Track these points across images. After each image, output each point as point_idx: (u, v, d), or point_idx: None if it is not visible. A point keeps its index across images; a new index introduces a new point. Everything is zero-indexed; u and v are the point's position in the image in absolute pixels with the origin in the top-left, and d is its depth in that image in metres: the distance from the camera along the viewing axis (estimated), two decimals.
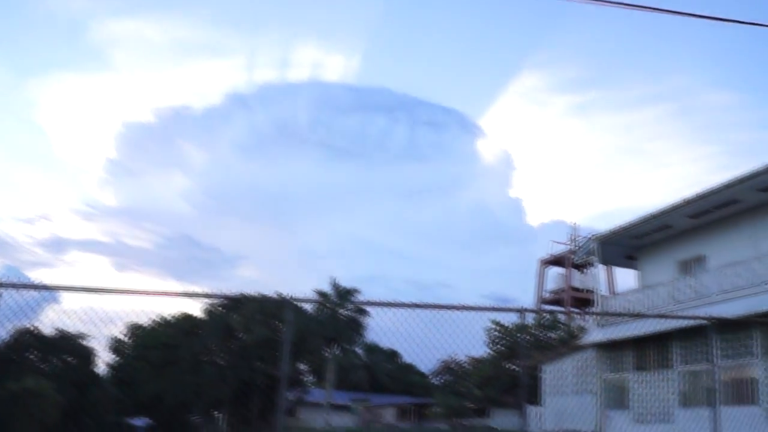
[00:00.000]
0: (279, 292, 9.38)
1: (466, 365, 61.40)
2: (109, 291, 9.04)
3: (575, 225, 63.05)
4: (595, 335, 31.60)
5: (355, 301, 47.79)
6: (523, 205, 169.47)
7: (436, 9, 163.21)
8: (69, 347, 34.50)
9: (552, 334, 51.98)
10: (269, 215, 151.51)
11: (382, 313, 9.77)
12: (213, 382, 40.84)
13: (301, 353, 41.92)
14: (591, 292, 37.32)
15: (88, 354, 36.14)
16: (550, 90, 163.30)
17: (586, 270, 55.64)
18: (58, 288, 9.37)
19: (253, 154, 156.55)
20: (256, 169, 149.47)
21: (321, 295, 46.57)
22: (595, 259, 33.72)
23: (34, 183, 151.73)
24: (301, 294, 10.19)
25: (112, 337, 43.66)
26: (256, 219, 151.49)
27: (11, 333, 30.80)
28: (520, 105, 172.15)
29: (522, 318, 7.94)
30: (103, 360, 39.99)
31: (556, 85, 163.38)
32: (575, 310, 60.02)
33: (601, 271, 37.36)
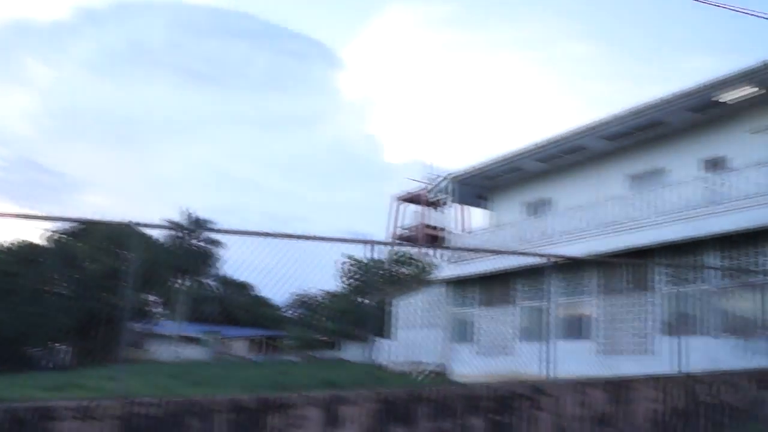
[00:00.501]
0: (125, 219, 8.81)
1: (320, 299, 61.91)
2: None
3: (432, 164, 64.22)
4: (445, 271, 32.54)
5: (205, 228, 46.62)
6: (381, 141, 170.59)
7: None
8: None
9: (404, 270, 53.12)
10: (120, 140, 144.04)
11: (236, 244, 9.46)
12: (55, 312, 38.92)
13: (149, 284, 40.63)
14: (444, 229, 38.21)
15: None
16: (415, 27, 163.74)
17: (440, 208, 57.03)
18: None
19: (104, 75, 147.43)
20: (106, 90, 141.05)
21: (172, 223, 45.06)
22: (449, 197, 34.49)
23: None
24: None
25: None
26: (106, 143, 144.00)
27: None
28: (385, 40, 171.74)
29: (370, 250, 7.82)
30: None
31: (422, 23, 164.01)
32: (427, 246, 61.52)
33: (455, 209, 38.35)
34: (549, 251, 23.03)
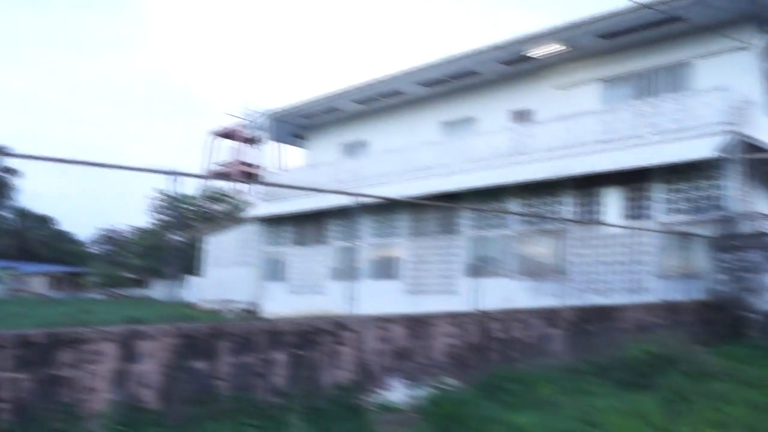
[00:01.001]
0: None
1: (128, 234, 59.52)
2: None
3: (250, 100, 62.86)
4: (259, 209, 32.23)
5: None
6: (200, 74, 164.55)
7: None
8: None
9: (217, 207, 52.17)
10: None
11: (35, 174, 8.72)
12: None
13: None
14: (259, 167, 37.70)
15: None
16: None
17: (256, 145, 56.19)
18: None
19: None
20: None
21: None
22: (265, 134, 33.98)
23: None
24: None
25: None
26: None
27: None
28: None
29: (177, 183, 7.48)
30: None
31: None
32: (240, 180, 60.59)
33: (272, 147, 37.86)
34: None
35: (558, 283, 18.16)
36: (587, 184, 20.43)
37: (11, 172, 47.03)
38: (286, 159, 47.57)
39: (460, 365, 9.43)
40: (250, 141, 56.57)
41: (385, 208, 25.49)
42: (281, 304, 28.61)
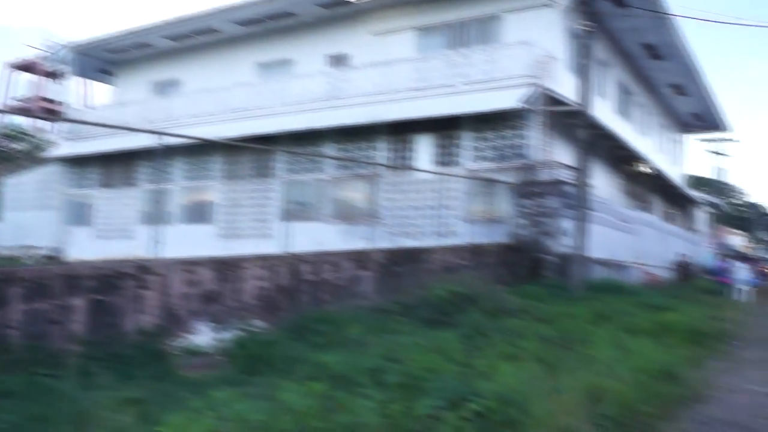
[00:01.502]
0: None
1: None
2: None
3: (53, 31, 58.23)
4: (62, 149, 30.20)
5: None
6: None
7: None
8: None
9: (16, 145, 48.30)
10: None
11: None
12: None
13: None
14: (62, 103, 35.13)
15: None
16: None
17: (59, 80, 52.29)
18: None
19: None
20: None
21: None
22: (68, 69, 31.66)
23: None
24: None
25: None
26: None
27: None
28: None
29: None
30: None
31: None
32: (43, 119, 56.42)
33: (76, 82, 35.44)
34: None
35: (371, 227, 18.50)
36: (401, 131, 20.83)
37: None
38: (93, 96, 44.66)
39: (269, 308, 9.38)
40: (52, 75, 52.57)
41: (199, 150, 24.68)
42: (87, 250, 27.09)
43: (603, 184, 23.75)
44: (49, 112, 53.42)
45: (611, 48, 24.99)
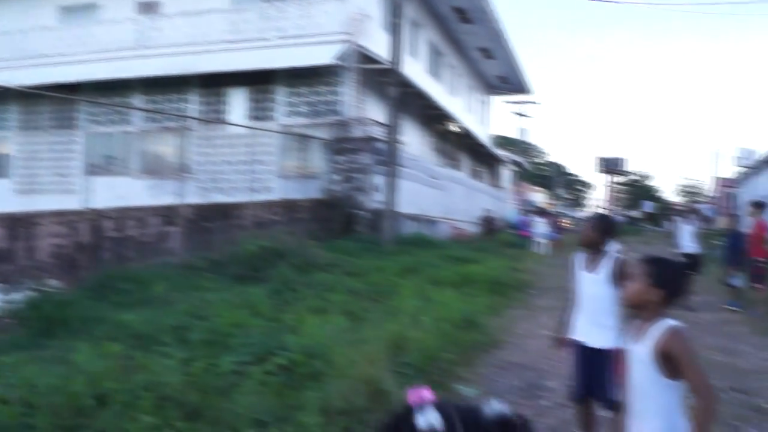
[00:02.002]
0: None
1: None
2: None
3: None
4: None
5: None
6: None
7: None
8: None
9: None
10: None
11: None
12: None
13: None
14: None
15: None
16: None
17: None
18: None
19: None
20: None
21: None
22: None
23: None
24: None
25: None
26: None
27: None
28: None
29: None
30: None
31: None
32: None
33: None
34: None
35: (181, 182, 17.97)
36: (213, 83, 20.25)
37: None
38: None
39: (68, 266, 8.89)
40: None
41: None
42: None
43: (414, 141, 24.45)
44: None
45: (424, 9, 25.55)
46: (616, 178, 58.85)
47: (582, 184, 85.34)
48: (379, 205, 17.29)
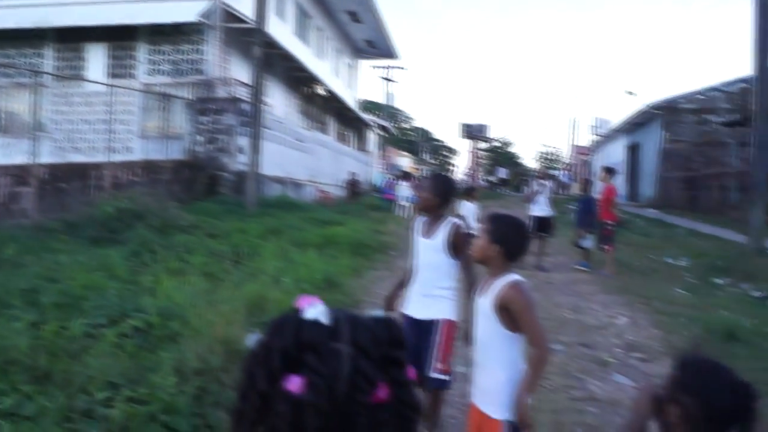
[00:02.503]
0: None
1: None
2: None
3: None
4: None
5: None
6: None
7: None
8: None
9: None
10: None
11: None
12: None
13: None
14: None
15: None
16: None
17: None
18: None
19: None
20: None
21: None
22: None
23: None
24: None
25: None
26: None
27: None
28: None
29: None
30: None
31: None
32: None
33: None
34: None
35: (35, 141, 17.10)
36: (71, 38, 19.32)
37: None
38: None
39: None
40: None
41: None
42: None
43: (280, 104, 24.29)
44: None
45: None
46: (479, 144, 60.65)
47: (447, 149, 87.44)
48: (243, 167, 17.15)
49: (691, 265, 12.31)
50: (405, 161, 58.11)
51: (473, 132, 50.49)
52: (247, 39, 18.52)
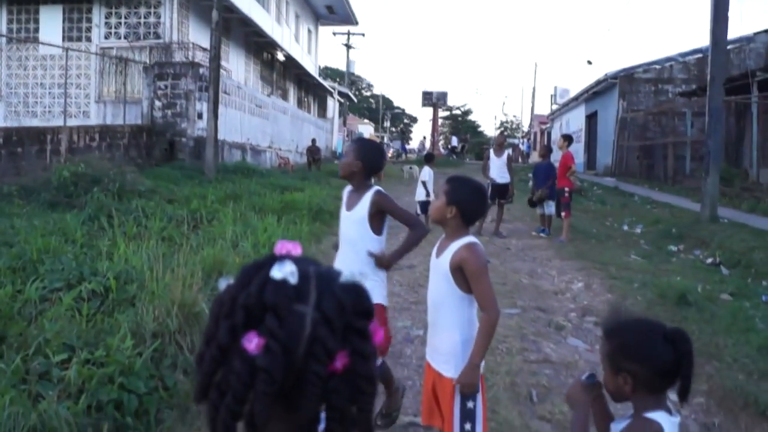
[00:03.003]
0: None
1: None
2: None
3: None
4: None
5: None
6: None
7: None
8: None
9: None
10: None
11: None
12: None
13: None
14: None
15: None
16: None
17: None
18: None
19: None
20: None
21: None
22: None
23: None
24: None
25: None
26: None
27: None
28: None
29: None
30: None
31: None
32: None
33: None
34: None
35: None
36: (24, 0, 18.79)
37: None
38: None
39: None
40: None
41: None
42: None
43: (240, 69, 23.99)
44: None
45: None
46: (440, 112, 60.69)
47: (408, 117, 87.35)
48: (202, 133, 16.97)
49: (646, 232, 12.56)
50: (366, 129, 57.96)
51: (434, 100, 50.40)
52: (205, 2, 18.20)
